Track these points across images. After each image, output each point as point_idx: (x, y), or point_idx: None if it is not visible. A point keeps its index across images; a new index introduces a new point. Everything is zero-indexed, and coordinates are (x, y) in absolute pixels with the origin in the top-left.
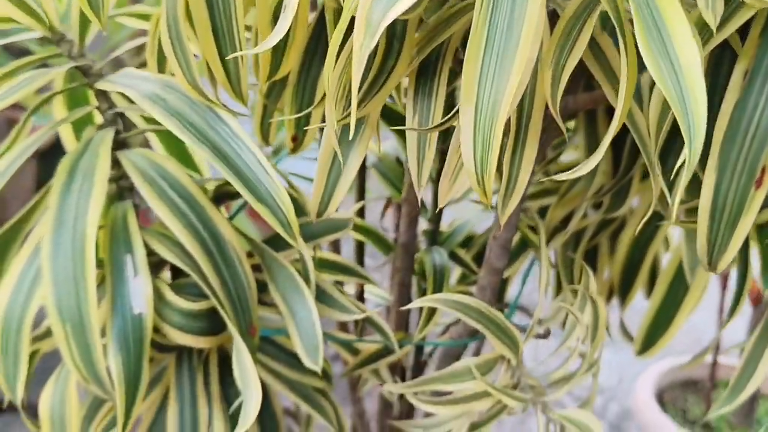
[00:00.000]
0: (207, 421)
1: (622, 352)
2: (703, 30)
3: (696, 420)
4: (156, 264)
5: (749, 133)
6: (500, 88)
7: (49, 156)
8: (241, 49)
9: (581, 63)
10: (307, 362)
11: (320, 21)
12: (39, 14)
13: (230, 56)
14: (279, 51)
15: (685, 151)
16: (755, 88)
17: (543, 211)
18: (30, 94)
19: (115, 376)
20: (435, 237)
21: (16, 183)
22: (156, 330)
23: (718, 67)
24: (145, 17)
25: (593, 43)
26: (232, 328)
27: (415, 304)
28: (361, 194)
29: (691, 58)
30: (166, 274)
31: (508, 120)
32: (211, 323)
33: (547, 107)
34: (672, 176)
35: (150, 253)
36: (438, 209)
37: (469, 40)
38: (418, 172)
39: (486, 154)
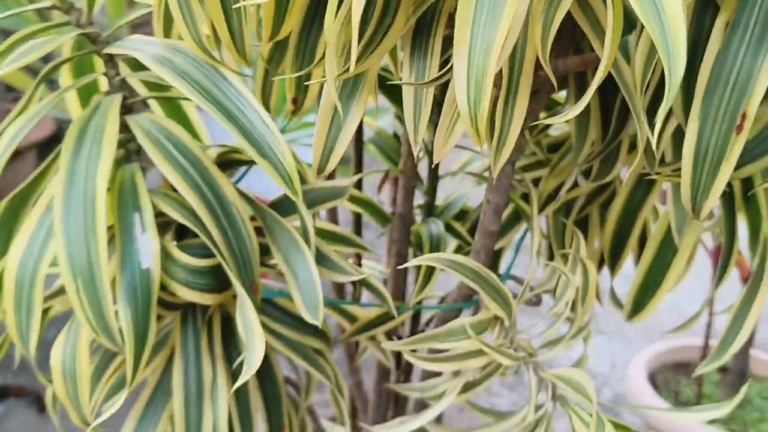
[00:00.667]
0: (211, 379)
1: (615, 340)
2: None
3: (688, 401)
4: (163, 226)
5: (730, 82)
6: (492, 31)
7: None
8: (245, 14)
9: (572, 26)
10: (309, 319)
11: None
12: None
13: (234, 6)
14: (281, 11)
15: (666, 80)
16: (736, 38)
17: (535, 183)
18: (38, 60)
19: (125, 329)
20: (431, 210)
21: (16, 172)
22: (163, 288)
23: (701, 19)
24: None
25: (584, 2)
26: (236, 283)
27: (413, 262)
28: (359, 167)
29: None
30: (172, 235)
31: (500, 72)
32: (215, 280)
33: (537, 67)
34: (659, 132)
35: (157, 214)
36: (433, 182)
37: None
38: (415, 127)
39: (479, 95)
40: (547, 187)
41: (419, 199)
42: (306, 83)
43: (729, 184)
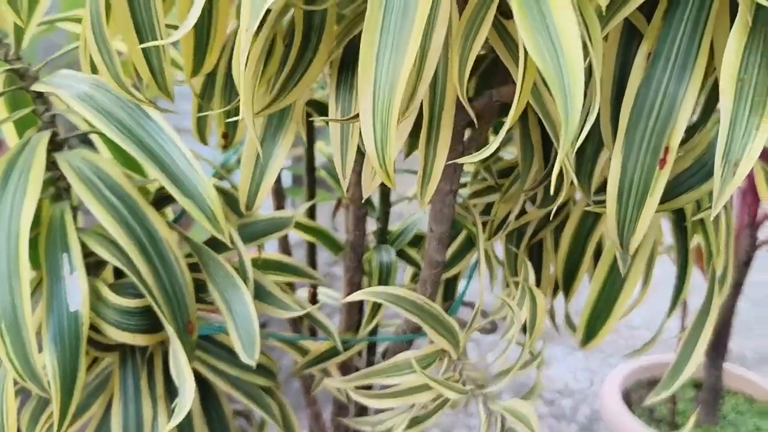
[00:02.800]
0: (151, 417)
1: (593, 357)
2: (608, 10)
3: (662, 418)
4: (95, 264)
5: (653, 113)
6: (396, 69)
7: None
8: (164, 51)
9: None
10: (244, 357)
11: None
12: None
13: (148, 44)
14: (201, 47)
15: (561, 132)
16: (658, 69)
17: (489, 208)
18: None
19: (50, 374)
20: (384, 236)
21: None
22: (95, 329)
23: (628, 48)
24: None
25: (504, 32)
26: (167, 325)
27: (350, 298)
28: (311, 195)
29: (570, 34)
30: (109, 277)
31: (421, 109)
32: (149, 321)
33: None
34: (589, 163)
35: (89, 253)
36: (385, 208)
37: (365, 23)
38: (342, 162)
39: (385, 136)
40: (500, 212)
41: (374, 226)
42: (232, 119)
43: (680, 210)
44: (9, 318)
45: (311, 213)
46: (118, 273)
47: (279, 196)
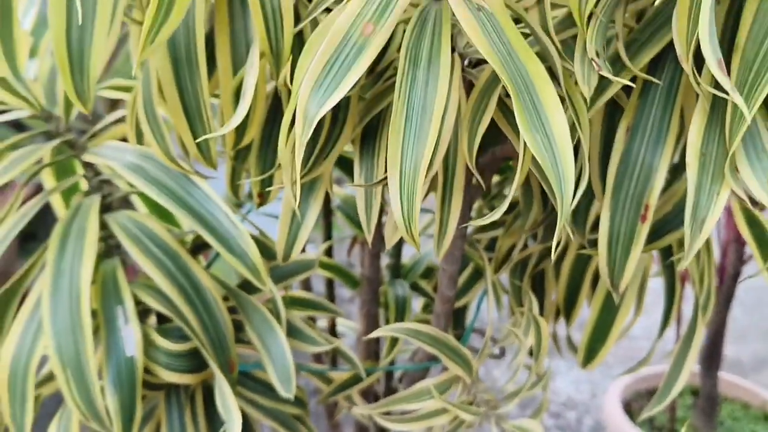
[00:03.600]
0: None
1: (595, 369)
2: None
3: (662, 427)
4: (144, 312)
5: (634, 177)
6: (418, 156)
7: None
8: (209, 124)
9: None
10: (282, 392)
11: (278, 91)
12: (29, 99)
13: (200, 139)
14: (242, 124)
15: (558, 206)
16: (636, 140)
17: (493, 242)
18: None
19: (113, 413)
20: (397, 270)
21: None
22: (147, 371)
23: (612, 119)
24: (122, 89)
25: (504, 106)
26: (212, 365)
27: (374, 334)
28: (327, 235)
29: (561, 130)
30: (153, 320)
31: (436, 176)
32: (194, 362)
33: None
34: (580, 210)
35: (138, 302)
36: (398, 244)
37: (391, 118)
38: (367, 220)
39: (411, 210)
40: (503, 246)
41: (387, 260)
42: (268, 189)
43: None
44: (74, 366)
45: (329, 252)
46: (161, 318)
47: None
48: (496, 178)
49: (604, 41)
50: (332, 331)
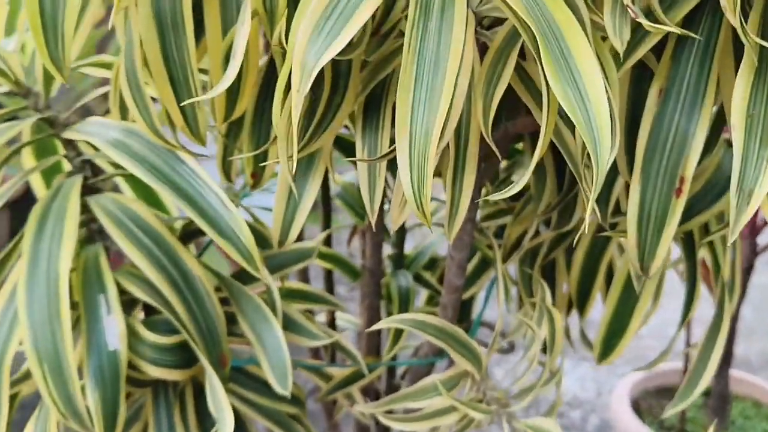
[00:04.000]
0: None
1: (600, 367)
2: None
3: (672, 426)
4: (129, 303)
5: (667, 147)
6: (430, 119)
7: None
8: (196, 94)
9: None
10: (278, 388)
11: (271, 63)
12: (5, 71)
13: (186, 102)
14: (233, 94)
15: (593, 169)
16: (669, 105)
17: (501, 230)
18: None
19: (94, 411)
20: (400, 261)
21: None
22: (132, 366)
23: (639, 83)
24: (107, 66)
25: (521, 71)
26: (203, 360)
27: (379, 325)
28: (327, 223)
29: (595, 83)
30: (140, 314)
31: (447, 147)
32: (183, 356)
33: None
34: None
35: (122, 292)
36: (400, 234)
37: (399, 77)
38: (370, 199)
39: (422, 181)
40: (512, 234)
41: (388, 250)
42: (263, 164)
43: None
44: (51, 360)
45: (327, 242)
46: (148, 309)
47: None
48: (503, 164)
49: None
50: (331, 325)
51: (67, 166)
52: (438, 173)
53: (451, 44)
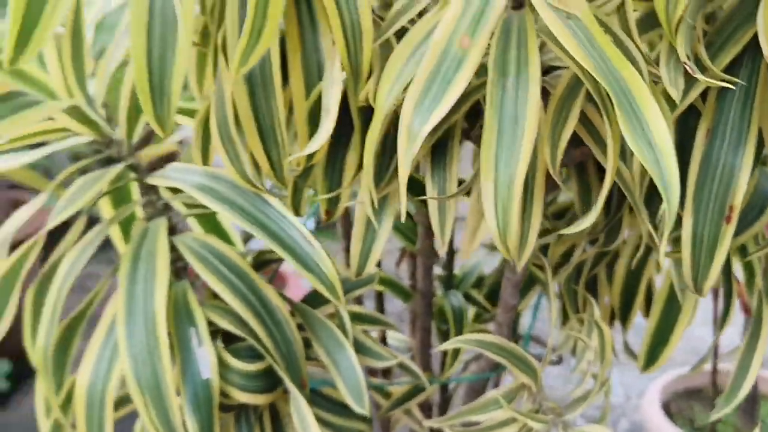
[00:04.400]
0: None
1: (627, 372)
2: (670, 97)
3: (703, 427)
4: (213, 333)
5: (716, 180)
6: (513, 170)
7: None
8: (283, 144)
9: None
10: (355, 407)
11: (345, 109)
12: (98, 123)
13: (283, 162)
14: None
15: (665, 205)
16: (716, 143)
17: (544, 249)
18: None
19: None
20: (450, 281)
21: None
22: (221, 393)
23: (686, 122)
24: (189, 113)
25: (582, 115)
26: (288, 384)
27: (445, 346)
28: None
29: (663, 135)
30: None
31: None
32: (268, 381)
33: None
34: (656, 218)
35: (209, 323)
36: (450, 256)
37: (483, 131)
38: (441, 233)
39: (507, 223)
40: (556, 253)
41: (437, 270)
42: (336, 205)
43: None
44: (153, 392)
45: (377, 264)
46: (228, 337)
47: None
48: None
49: (691, 44)
50: (383, 343)
51: (140, 213)
52: None
53: (528, 101)
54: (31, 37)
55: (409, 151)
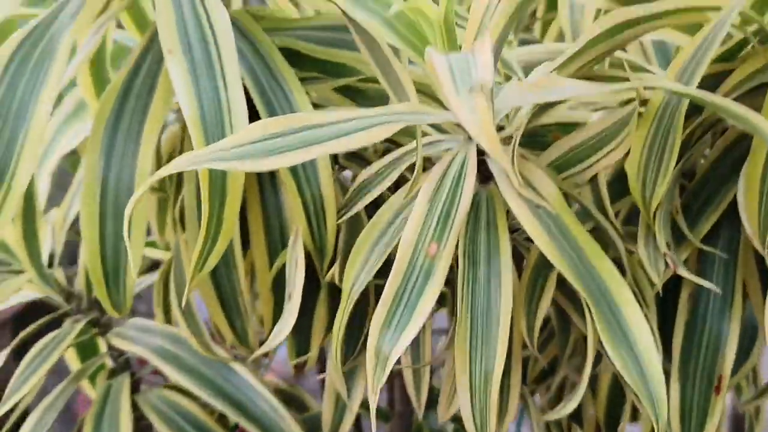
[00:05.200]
0: None
1: None
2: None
3: None
4: None
5: (702, 347)
6: (489, 363)
7: (21, 320)
8: (246, 316)
9: None
10: None
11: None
12: (53, 287)
13: (248, 328)
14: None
15: (654, 426)
16: (700, 308)
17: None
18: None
19: None
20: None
21: None
22: None
23: (667, 285)
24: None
25: (562, 284)
26: None
27: None
28: None
29: (647, 341)
30: None
31: None
32: None
33: None
34: None
35: None
36: None
37: (456, 324)
38: (417, 398)
39: (485, 418)
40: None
41: None
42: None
43: None
44: None
45: None
46: None
47: None
48: None
49: (669, 230)
50: None
51: (108, 362)
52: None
53: (501, 289)
54: None
55: (379, 379)
